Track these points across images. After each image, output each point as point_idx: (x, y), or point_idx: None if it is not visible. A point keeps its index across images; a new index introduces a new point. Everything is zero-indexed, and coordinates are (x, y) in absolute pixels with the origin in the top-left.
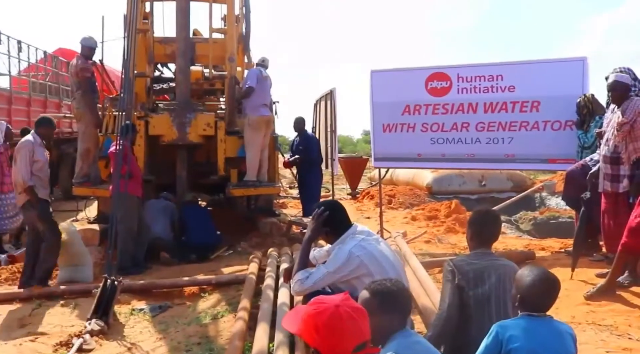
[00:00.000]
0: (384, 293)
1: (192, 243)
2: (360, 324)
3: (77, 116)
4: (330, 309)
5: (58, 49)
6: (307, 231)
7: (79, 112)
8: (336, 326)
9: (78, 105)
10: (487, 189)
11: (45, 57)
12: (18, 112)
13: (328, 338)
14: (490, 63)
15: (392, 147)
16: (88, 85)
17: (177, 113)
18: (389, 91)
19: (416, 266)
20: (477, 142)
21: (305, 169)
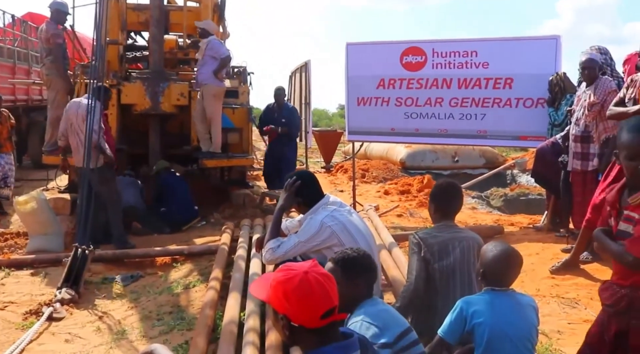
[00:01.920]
0: (347, 260)
1: (171, 217)
2: (328, 290)
3: (47, 83)
4: (299, 275)
5: (27, 13)
6: (279, 201)
7: (48, 79)
8: (305, 292)
9: (48, 71)
10: (460, 165)
11: (13, 21)
12: None
13: (297, 304)
14: (465, 39)
15: (366, 121)
16: (59, 51)
17: (150, 82)
18: (364, 65)
19: (387, 239)
20: (450, 118)
21: (284, 142)
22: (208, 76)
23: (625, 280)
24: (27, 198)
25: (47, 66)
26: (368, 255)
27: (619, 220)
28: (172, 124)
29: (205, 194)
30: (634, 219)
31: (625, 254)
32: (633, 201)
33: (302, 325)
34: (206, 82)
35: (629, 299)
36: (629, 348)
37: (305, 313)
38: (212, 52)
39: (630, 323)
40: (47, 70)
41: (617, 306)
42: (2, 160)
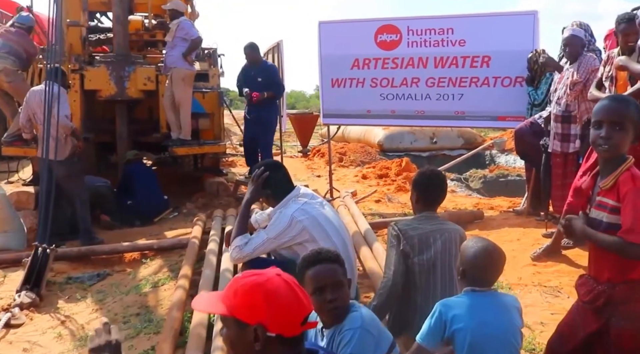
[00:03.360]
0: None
1: (139, 209)
2: (303, 295)
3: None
4: (275, 277)
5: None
6: (246, 193)
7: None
8: (286, 294)
9: (12, 78)
10: (438, 146)
11: None
12: None
13: (279, 308)
14: (441, 16)
15: (341, 103)
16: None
17: (115, 66)
18: (337, 44)
19: (364, 228)
20: (427, 98)
21: (263, 108)
22: (177, 59)
23: (601, 275)
24: None
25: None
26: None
27: (590, 206)
28: (141, 110)
29: (178, 183)
30: (607, 205)
31: (628, 246)
32: (604, 186)
33: (281, 334)
34: (175, 65)
35: (607, 296)
36: (611, 346)
37: (287, 319)
38: (182, 34)
39: (611, 321)
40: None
41: (594, 303)
42: None
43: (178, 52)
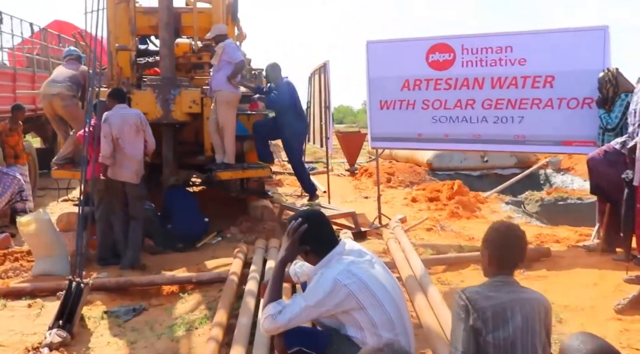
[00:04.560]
0: None
1: (178, 232)
2: None
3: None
4: None
5: (54, 21)
6: (280, 250)
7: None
8: None
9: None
10: (490, 165)
11: (32, 30)
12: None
13: None
14: (499, 34)
15: (390, 126)
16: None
17: (161, 89)
18: (386, 64)
19: (418, 268)
20: (484, 121)
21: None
22: (221, 82)
23: None
24: (30, 218)
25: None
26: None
27: None
28: (187, 132)
29: (223, 204)
30: None
31: None
32: None
33: None
34: (219, 88)
35: None
36: None
37: None
38: (226, 57)
39: None
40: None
41: None
42: (17, 172)
43: (223, 75)
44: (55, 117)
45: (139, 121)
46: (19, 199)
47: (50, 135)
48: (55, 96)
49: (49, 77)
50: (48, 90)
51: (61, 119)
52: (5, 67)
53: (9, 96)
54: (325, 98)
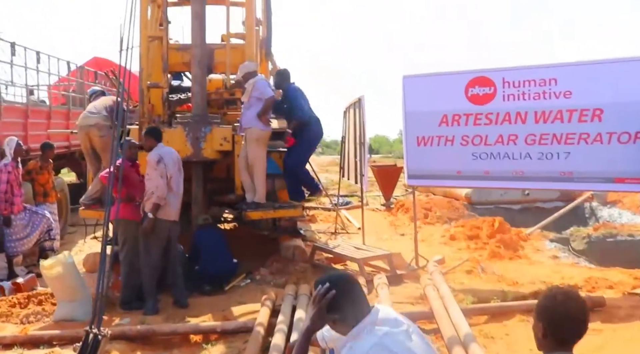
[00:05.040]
0: None
1: (206, 273)
2: None
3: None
4: None
5: (93, 58)
6: (305, 318)
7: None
8: None
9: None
10: (531, 199)
11: (68, 68)
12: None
13: None
14: (542, 66)
15: (427, 163)
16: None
17: (191, 127)
18: (423, 99)
19: (458, 320)
20: (527, 157)
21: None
22: (251, 119)
23: None
24: (53, 262)
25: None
26: None
27: None
28: (218, 169)
29: (254, 243)
30: None
31: None
32: None
33: None
34: (249, 125)
35: None
36: None
37: None
38: (257, 93)
39: None
40: (103, 130)
41: None
42: (47, 211)
43: (253, 112)
44: (89, 151)
45: (180, 159)
46: (47, 238)
47: (84, 170)
48: (93, 127)
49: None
50: (85, 121)
51: (95, 154)
52: (39, 104)
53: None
54: (360, 134)
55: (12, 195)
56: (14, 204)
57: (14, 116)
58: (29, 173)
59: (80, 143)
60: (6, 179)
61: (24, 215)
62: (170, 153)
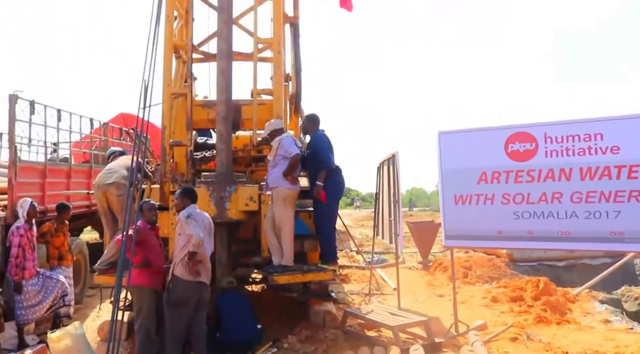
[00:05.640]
0: None
1: (228, 341)
2: None
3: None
4: None
5: (120, 113)
6: None
7: (120, 200)
8: None
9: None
10: (577, 255)
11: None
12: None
13: None
14: (585, 120)
15: (466, 222)
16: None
17: (215, 186)
18: (460, 155)
19: None
20: (574, 217)
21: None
22: (277, 178)
23: None
24: (61, 334)
25: (122, 184)
26: None
27: None
28: (244, 229)
29: (283, 307)
30: None
31: None
32: None
33: None
34: (275, 185)
35: None
36: None
37: None
38: (282, 151)
39: None
40: (122, 189)
41: None
42: (62, 275)
43: (279, 171)
44: (106, 211)
45: (212, 224)
46: (62, 304)
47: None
48: (111, 185)
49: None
50: (102, 180)
51: (112, 215)
52: (58, 163)
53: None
54: (395, 192)
55: (23, 259)
56: (25, 269)
57: (31, 176)
58: (43, 235)
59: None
60: (18, 242)
61: (37, 280)
62: (201, 215)
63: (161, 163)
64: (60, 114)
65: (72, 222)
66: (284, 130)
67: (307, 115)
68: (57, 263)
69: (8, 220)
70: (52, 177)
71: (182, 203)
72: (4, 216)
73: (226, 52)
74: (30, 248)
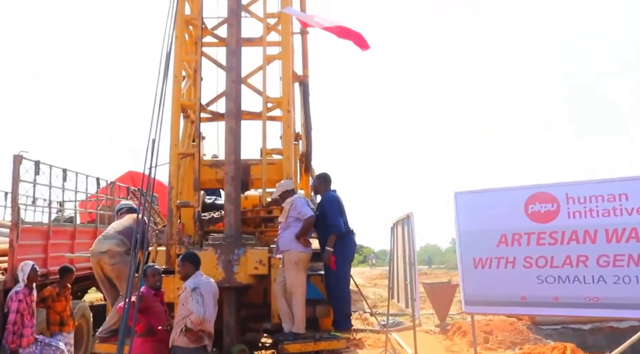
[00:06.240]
0: None
1: None
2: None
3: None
4: None
5: (127, 172)
6: None
7: (116, 268)
8: None
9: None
10: (602, 317)
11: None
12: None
13: None
14: (608, 180)
15: (487, 287)
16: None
17: (223, 249)
18: (478, 217)
19: None
20: (601, 282)
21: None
22: (289, 241)
23: None
24: None
25: (116, 252)
26: None
27: None
28: (254, 294)
29: None
30: None
31: None
32: None
33: None
34: (287, 248)
35: None
36: None
37: None
38: (295, 213)
39: None
40: (115, 258)
41: None
42: (62, 342)
43: (291, 233)
44: (103, 279)
45: (217, 292)
46: None
47: None
48: (104, 254)
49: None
50: (97, 247)
51: (111, 282)
52: (62, 224)
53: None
54: (410, 254)
55: (21, 326)
56: (23, 336)
57: (33, 238)
58: (44, 300)
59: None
60: (16, 308)
61: (35, 348)
62: (208, 284)
63: (167, 225)
64: (65, 174)
65: (76, 284)
66: (295, 190)
67: (317, 175)
68: (58, 329)
69: (8, 284)
70: (56, 238)
71: (185, 270)
72: (4, 280)
73: (234, 112)
74: (29, 314)
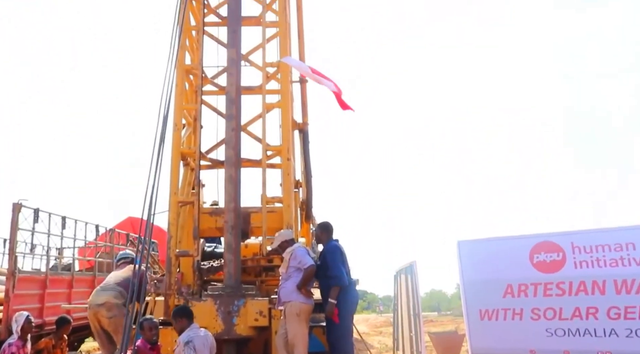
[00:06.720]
0: None
1: None
2: None
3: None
4: None
5: (127, 218)
6: None
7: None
8: None
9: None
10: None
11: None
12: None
13: None
14: (615, 228)
15: (494, 340)
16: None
17: (223, 299)
18: (483, 266)
19: None
20: (613, 335)
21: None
22: (291, 291)
23: None
24: None
25: (113, 305)
26: None
27: None
28: (254, 346)
29: None
30: None
31: None
32: None
33: None
34: (288, 299)
35: None
36: None
37: None
38: (296, 263)
39: None
40: (113, 311)
41: None
42: None
43: (292, 283)
44: (99, 332)
45: (215, 345)
46: None
47: None
48: (101, 306)
49: None
50: (95, 299)
51: (108, 335)
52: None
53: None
54: (414, 305)
55: None
56: None
57: (30, 287)
58: (39, 352)
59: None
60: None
61: None
62: (203, 337)
63: (166, 274)
64: (64, 221)
65: (72, 334)
66: (294, 240)
67: (319, 224)
68: None
69: (2, 335)
70: (53, 288)
71: (179, 325)
72: None
73: (234, 160)
74: None
